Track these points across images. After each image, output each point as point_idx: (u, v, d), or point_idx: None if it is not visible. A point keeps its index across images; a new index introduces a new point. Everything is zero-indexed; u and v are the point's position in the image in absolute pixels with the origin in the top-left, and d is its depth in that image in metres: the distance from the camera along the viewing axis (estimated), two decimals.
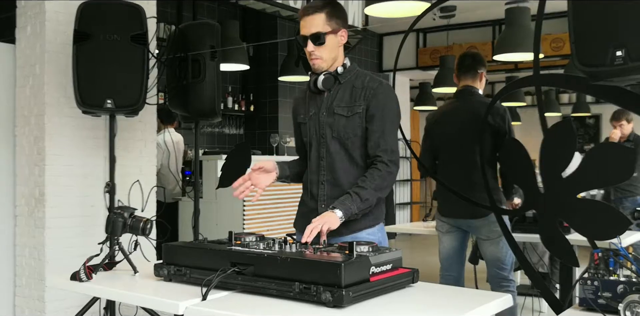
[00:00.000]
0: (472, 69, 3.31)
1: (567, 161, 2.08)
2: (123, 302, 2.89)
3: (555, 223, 2.15)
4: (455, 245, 3.33)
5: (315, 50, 2.05)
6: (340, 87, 2.12)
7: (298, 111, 2.25)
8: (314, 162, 2.16)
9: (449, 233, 3.32)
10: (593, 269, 1.60)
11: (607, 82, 1.67)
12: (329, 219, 1.90)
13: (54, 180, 3.45)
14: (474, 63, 3.32)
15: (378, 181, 2.01)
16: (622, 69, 1.57)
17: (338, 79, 2.12)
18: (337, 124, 2.09)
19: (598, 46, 1.59)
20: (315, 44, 2.04)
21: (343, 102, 2.10)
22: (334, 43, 2.07)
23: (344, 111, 2.09)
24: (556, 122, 2.15)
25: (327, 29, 2.04)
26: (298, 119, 2.24)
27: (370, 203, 2.01)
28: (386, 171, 2.03)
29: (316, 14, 2.03)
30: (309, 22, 2.04)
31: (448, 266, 3.35)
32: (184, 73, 3.54)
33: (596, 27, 1.61)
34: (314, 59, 2.07)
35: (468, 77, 3.33)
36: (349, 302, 1.46)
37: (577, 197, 2.13)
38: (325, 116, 2.12)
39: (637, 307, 1.44)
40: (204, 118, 3.68)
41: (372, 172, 2.03)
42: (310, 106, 2.17)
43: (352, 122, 2.07)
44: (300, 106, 2.24)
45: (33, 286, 3.49)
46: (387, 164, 2.03)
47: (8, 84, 3.64)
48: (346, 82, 2.12)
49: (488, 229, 3.15)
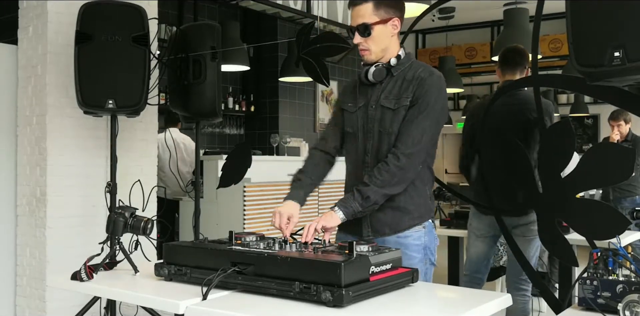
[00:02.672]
0: (520, 64, 3.16)
1: (566, 161, 2.09)
2: (124, 302, 2.90)
3: (554, 223, 2.16)
4: (487, 250, 3.26)
5: (363, 41, 1.96)
6: (391, 80, 2.01)
7: (345, 98, 2.13)
8: (359, 157, 2.06)
9: (485, 238, 3.24)
10: (592, 269, 1.61)
11: (605, 82, 1.67)
12: (326, 217, 1.88)
13: (55, 180, 3.46)
14: (522, 57, 3.18)
15: (385, 177, 1.89)
16: (620, 70, 1.57)
17: (390, 72, 2.01)
18: (384, 118, 1.98)
19: (596, 47, 1.60)
20: (362, 35, 1.95)
21: (392, 95, 1.98)
22: (384, 33, 1.96)
23: (390, 103, 1.97)
24: (555, 122, 2.16)
25: (374, 19, 1.93)
26: (344, 106, 2.12)
27: (374, 200, 1.90)
28: (394, 166, 1.89)
29: (363, 4, 1.94)
30: (355, 12, 1.95)
31: (477, 269, 3.30)
32: (184, 74, 3.55)
33: (594, 27, 1.62)
34: (362, 51, 1.99)
35: (516, 72, 3.15)
36: (348, 302, 1.47)
37: (576, 197, 2.13)
38: (374, 109, 2.01)
39: (636, 307, 1.45)
40: (205, 118, 3.69)
41: (379, 167, 1.92)
42: (360, 97, 2.07)
43: (398, 115, 1.96)
44: (349, 94, 2.13)
45: (34, 285, 3.50)
46: (398, 158, 1.90)
47: (10, 85, 3.65)
48: (399, 74, 2.01)
49: (527, 228, 3.02)
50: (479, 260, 3.30)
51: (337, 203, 1.93)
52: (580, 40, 1.65)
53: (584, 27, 1.64)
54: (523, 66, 3.15)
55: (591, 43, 1.62)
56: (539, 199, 2.21)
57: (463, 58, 8.06)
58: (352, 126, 2.07)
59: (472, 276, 3.32)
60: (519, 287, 3.16)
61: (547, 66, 7.75)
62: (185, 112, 3.63)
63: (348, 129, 2.10)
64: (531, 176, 2.29)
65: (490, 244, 3.28)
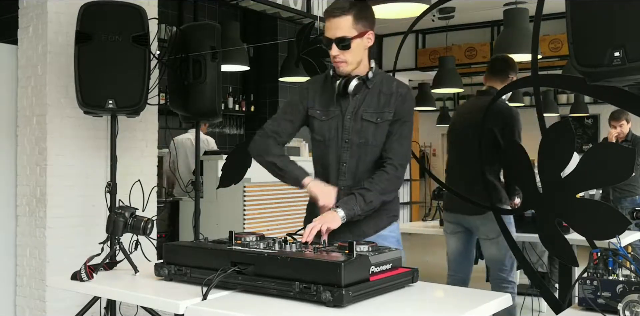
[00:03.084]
0: (502, 73, 3.34)
1: (566, 161, 2.09)
2: (124, 302, 2.90)
3: (554, 223, 2.16)
4: (461, 246, 3.33)
5: (340, 54, 1.99)
6: (368, 92, 2.06)
7: (312, 104, 2.12)
8: (332, 166, 2.10)
9: (455, 234, 3.33)
10: (592, 269, 1.61)
11: (605, 82, 1.67)
12: (329, 219, 1.90)
13: (55, 180, 3.46)
14: (506, 68, 3.35)
15: (385, 184, 1.99)
16: (620, 70, 1.57)
17: (366, 84, 2.06)
18: (365, 131, 2.04)
19: (596, 47, 1.60)
20: (340, 48, 1.98)
21: (371, 108, 2.04)
22: (360, 47, 2.00)
23: (372, 117, 2.04)
24: (555, 122, 2.16)
25: (353, 33, 1.96)
26: (311, 112, 2.12)
27: (374, 205, 1.98)
28: (394, 175, 2.01)
29: (343, 17, 1.95)
30: (334, 24, 1.96)
31: (455, 267, 3.36)
32: (185, 74, 3.55)
33: (594, 27, 1.62)
34: (338, 63, 2.01)
35: (497, 80, 3.34)
36: (348, 302, 1.47)
37: (576, 197, 2.13)
38: (351, 120, 2.05)
39: (636, 307, 1.45)
40: (205, 118, 3.69)
41: (380, 174, 2.01)
42: (331, 106, 2.08)
43: (381, 129, 2.04)
44: (316, 99, 2.12)
45: (34, 285, 3.50)
46: (396, 168, 2.01)
47: (10, 85, 3.65)
48: (373, 87, 2.06)
49: (487, 228, 3.15)
50: (455, 258, 3.35)
51: (339, 204, 1.95)
52: (580, 40, 1.65)
53: (584, 27, 1.64)
54: (506, 75, 3.33)
55: (591, 43, 1.62)
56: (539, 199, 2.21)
57: (463, 58, 8.05)
58: (323, 135, 2.11)
59: (452, 276, 3.37)
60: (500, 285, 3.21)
61: (547, 66, 7.74)
62: (185, 112, 3.64)
63: (317, 136, 2.13)
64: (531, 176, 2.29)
65: (462, 241, 3.33)
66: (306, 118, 2.15)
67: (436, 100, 11.49)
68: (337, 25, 1.96)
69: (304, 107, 2.14)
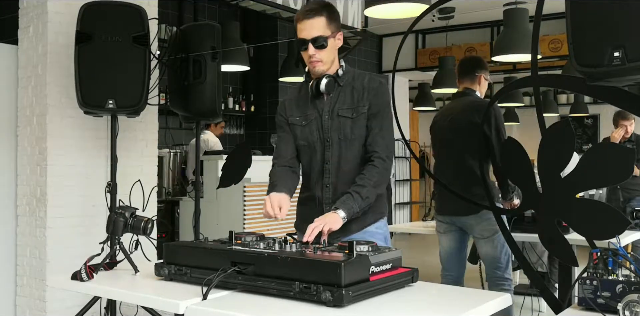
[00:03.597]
0: (470, 72, 3.38)
1: (566, 161, 2.09)
2: (124, 302, 2.90)
3: (554, 223, 2.16)
4: (454, 245, 3.34)
5: (316, 53, 2.06)
6: (340, 90, 2.14)
7: (291, 112, 2.21)
8: (316, 165, 2.16)
9: (447, 233, 3.35)
10: (592, 268, 1.61)
11: (605, 82, 1.67)
12: (330, 219, 1.92)
13: (55, 180, 3.46)
14: (472, 66, 3.39)
15: (376, 178, 2.05)
16: (620, 70, 1.57)
17: (337, 82, 2.13)
18: (343, 127, 2.11)
19: (596, 47, 1.60)
20: (316, 47, 2.05)
21: (346, 105, 2.12)
22: (333, 46, 2.10)
23: (348, 113, 2.11)
24: (554, 122, 2.16)
25: (327, 32, 2.06)
26: (292, 120, 2.20)
27: (370, 200, 2.04)
28: (383, 167, 2.07)
29: (316, 18, 2.04)
30: (309, 25, 2.05)
31: (448, 267, 3.38)
32: (185, 74, 3.55)
33: (594, 27, 1.62)
34: (314, 62, 2.08)
35: (467, 80, 3.40)
36: (348, 301, 1.47)
37: (576, 197, 2.13)
38: (329, 119, 2.12)
39: (636, 307, 1.45)
40: (205, 118, 3.69)
41: (370, 169, 2.06)
42: (309, 110, 2.16)
43: (357, 123, 2.10)
44: (294, 107, 2.21)
45: (34, 285, 3.50)
46: (384, 160, 2.07)
47: (10, 85, 3.66)
48: (345, 84, 2.14)
49: (481, 228, 3.17)
50: (447, 258, 3.36)
51: (338, 204, 1.98)
52: (580, 40, 1.65)
53: (583, 28, 1.64)
54: (473, 73, 3.37)
55: (591, 43, 1.62)
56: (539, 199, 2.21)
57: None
58: (306, 139, 2.17)
59: (446, 276, 3.38)
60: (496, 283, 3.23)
61: (547, 66, 7.74)
62: (185, 112, 3.64)
63: (302, 142, 2.18)
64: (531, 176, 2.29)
65: (456, 240, 3.34)
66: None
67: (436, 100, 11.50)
68: (312, 26, 2.05)
69: (285, 120, 2.22)
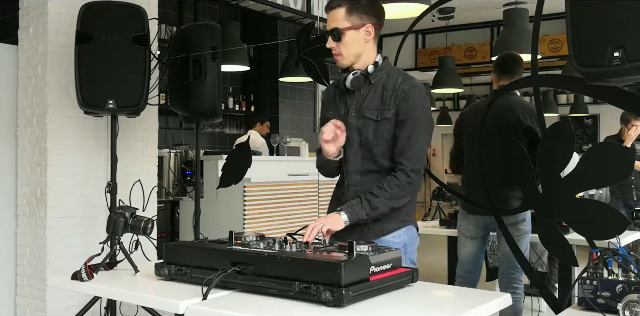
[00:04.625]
0: (512, 71, 3.25)
1: (566, 161, 2.09)
2: (124, 301, 2.90)
3: (554, 223, 2.16)
4: (477, 251, 3.32)
5: (335, 46, 1.99)
6: (371, 88, 2.01)
7: (327, 105, 2.14)
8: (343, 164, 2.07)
9: (474, 239, 3.29)
10: (592, 268, 1.61)
11: (605, 82, 1.67)
12: (331, 220, 1.89)
13: (55, 180, 3.46)
14: (515, 64, 3.27)
15: (394, 191, 1.93)
16: (620, 70, 1.57)
17: (369, 79, 2.01)
18: (366, 129, 1.99)
19: (596, 47, 1.60)
20: (334, 40, 1.98)
21: (373, 105, 1.99)
22: (356, 39, 1.97)
23: (373, 114, 1.98)
24: (554, 122, 2.17)
25: (345, 24, 1.96)
26: (327, 114, 2.12)
27: (380, 211, 1.93)
28: (405, 181, 1.93)
29: (336, 9, 1.97)
30: (330, 16, 1.99)
31: (468, 269, 3.35)
32: (185, 74, 3.55)
33: (594, 28, 1.62)
34: (335, 56, 2.01)
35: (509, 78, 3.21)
36: (348, 301, 1.47)
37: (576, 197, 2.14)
38: (355, 117, 2.01)
39: (635, 306, 1.45)
40: (205, 118, 3.69)
41: (389, 180, 1.94)
42: (340, 104, 2.08)
43: (381, 127, 1.97)
44: (330, 101, 2.13)
45: (34, 285, 3.51)
46: (407, 175, 1.93)
47: (10, 85, 3.66)
48: (377, 81, 2.01)
49: (514, 227, 3.09)
50: (470, 261, 3.35)
51: (344, 207, 1.94)
52: (580, 40, 1.65)
53: (584, 27, 1.64)
54: (519, 75, 3.24)
55: (591, 43, 1.62)
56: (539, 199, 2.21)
57: (463, 58, 8.06)
58: None
59: (465, 277, 3.36)
60: (510, 285, 3.20)
61: (546, 66, 7.75)
62: (185, 112, 3.64)
63: None
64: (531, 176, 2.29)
65: (480, 245, 3.33)
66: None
67: (436, 100, 11.51)
68: (332, 17, 1.98)
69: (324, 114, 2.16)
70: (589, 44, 1.63)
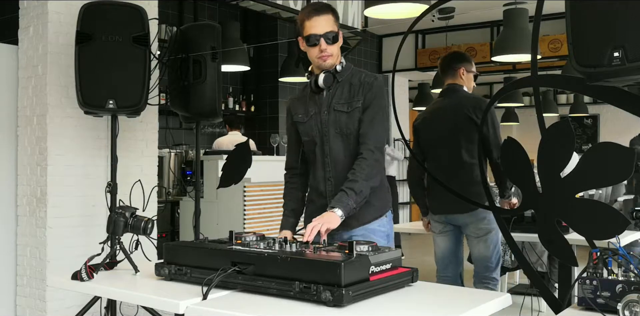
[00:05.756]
0: (449, 68, 3.35)
1: (566, 161, 2.09)
2: (124, 301, 2.90)
3: (553, 223, 2.16)
4: (450, 246, 3.33)
5: (328, 48, 2.13)
6: (338, 86, 2.19)
7: (296, 110, 2.29)
8: (319, 160, 2.22)
9: (443, 234, 3.33)
10: (592, 268, 1.61)
11: (605, 82, 1.67)
12: (328, 219, 1.92)
13: (55, 180, 3.46)
14: (450, 61, 3.36)
15: (367, 171, 2.06)
16: (620, 70, 1.57)
17: (336, 77, 2.18)
18: (338, 121, 2.16)
19: (596, 47, 1.60)
20: (330, 42, 2.12)
21: (342, 99, 2.17)
22: (340, 41, 2.18)
23: (343, 107, 2.16)
24: (554, 122, 2.16)
25: (336, 28, 2.15)
26: (295, 118, 2.28)
27: (365, 193, 2.05)
28: (372, 159, 2.09)
29: (327, 14, 2.14)
30: (321, 21, 2.12)
31: (444, 267, 3.36)
32: (185, 74, 3.55)
33: (594, 28, 1.62)
34: (325, 57, 2.14)
35: (449, 76, 3.36)
36: (348, 301, 1.47)
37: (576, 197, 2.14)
38: (327, 114, 2.18)
39: (635, 306, 1.45)
40: (205, 118, 3.69)
41: (359, 162, 2.08)
42: (309, 106, 2.24)
43: (352, 117, 2.15)
44: (299, 105, 2.30)
45: (34, 285, 3.51)
46: (372, 151, 2.09)
47: (10, 85, 3.66)
48: (344, 80, 2.19)
49: (475, 226, 3.17)
50: (445, 258, 3.35)
51: (334, 203, 2.00)
52: (580, 40, 1.65)
53: (583, 28, 1.64)
54: (453, 69, 3.33)
55: (591, 43, 1.62)
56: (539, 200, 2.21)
57: None
58: (308, 134, 2.24)
59: (440, 276, 3.36)
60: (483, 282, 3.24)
61: (546, 66, 7.75)
62: (185, 112, 3.64)
63: (305, 138, 2.25)
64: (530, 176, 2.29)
65: (451, 240, 3.33)
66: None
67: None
68: (324, 22, 2.13)
69: (290, 119, 2.32)
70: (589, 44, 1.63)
